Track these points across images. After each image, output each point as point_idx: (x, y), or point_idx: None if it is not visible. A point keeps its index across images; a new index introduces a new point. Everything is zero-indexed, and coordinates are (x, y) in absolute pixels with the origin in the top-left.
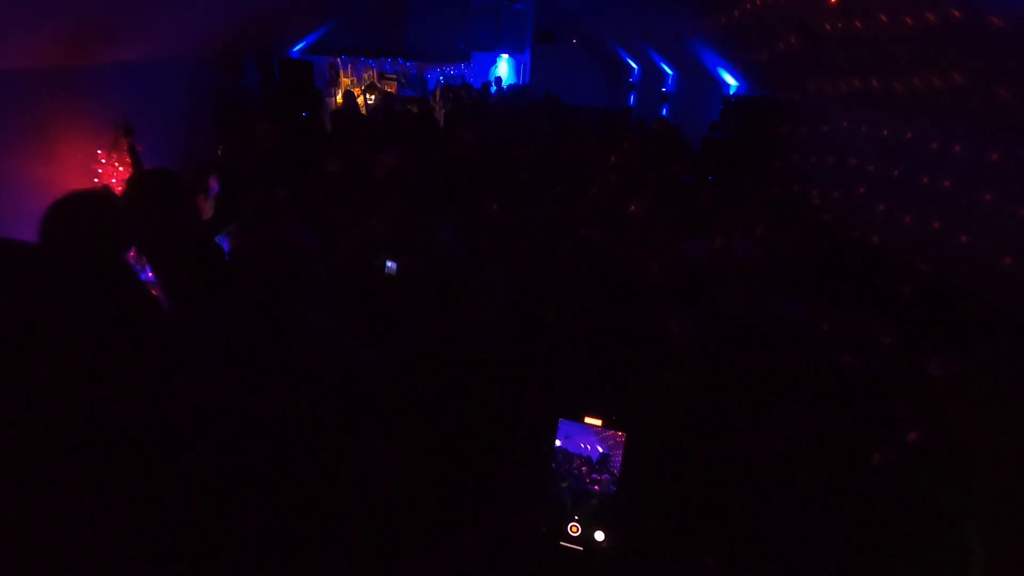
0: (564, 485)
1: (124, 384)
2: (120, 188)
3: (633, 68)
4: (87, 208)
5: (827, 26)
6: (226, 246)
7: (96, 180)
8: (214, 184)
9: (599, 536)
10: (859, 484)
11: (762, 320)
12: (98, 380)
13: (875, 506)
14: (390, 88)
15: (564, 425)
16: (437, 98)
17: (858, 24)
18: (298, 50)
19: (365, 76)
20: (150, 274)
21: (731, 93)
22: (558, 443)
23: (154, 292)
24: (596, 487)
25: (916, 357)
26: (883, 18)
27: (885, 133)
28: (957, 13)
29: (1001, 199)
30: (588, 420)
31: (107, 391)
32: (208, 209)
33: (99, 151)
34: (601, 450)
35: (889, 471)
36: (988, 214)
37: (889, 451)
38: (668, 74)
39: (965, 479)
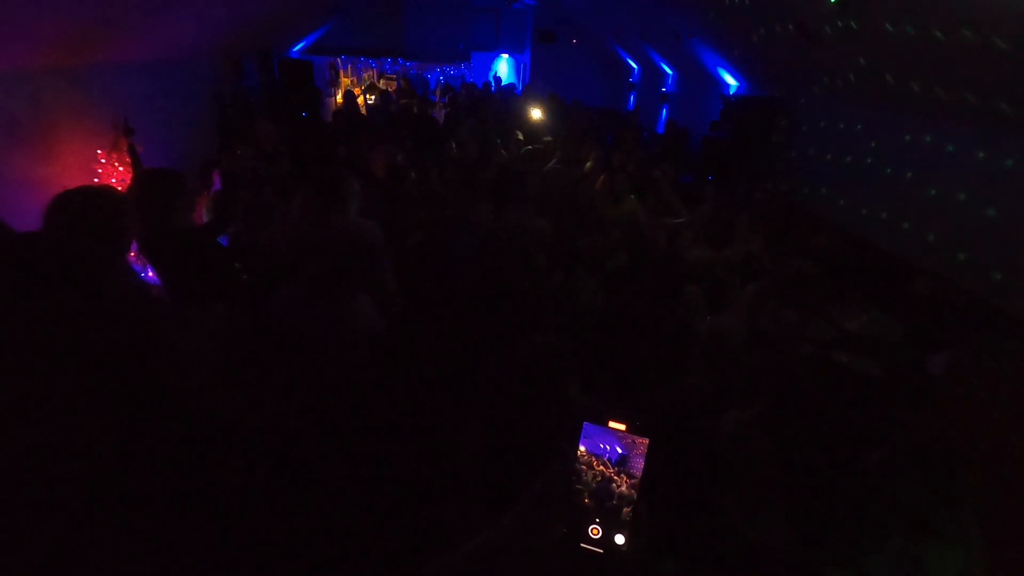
0: (585, 487)
1: (111, 384)
2: (121, 188)
3: (633, 68)
4: (88, 202)
5: (827, 26)
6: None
7: (96, 180)
8: (216, 182)
9: (619, 539)
10: (855, 483)
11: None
12: (85, 379)
13: (870, 504)
14: (390, 88)
15: (586, 428)
16: (438, 97)
17: (858, 24)
18: (298, 50)
19: (365, 76)
20: (151, 274)
21: (731, 93)
22: (580, 445)
23: (154, 292)
24: (616, 489)
25: (916, 357)
26: (884, 18)
27: (884, 133)
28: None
29: (1002, 200)
30: (612, 424)
31: (93, 391)
32: (207, 209)
33: (99, 151)
34: (620, 451)
35: (881, 470)
36: (988, 215)
37: (882, 451)
38: (668, 74)
39: (954, 479)
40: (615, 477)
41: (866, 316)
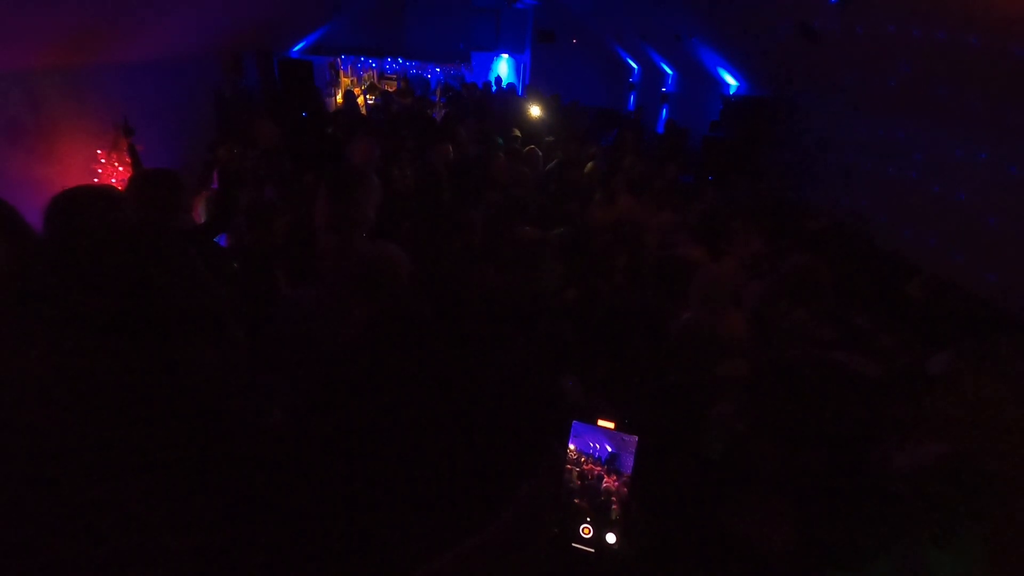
0: (575, 486)
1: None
2: (121, 188)
3: (633, 68)
4: (86, 201)
5: (827, 26)
6: (223, 244)
7: (96, 180)
8: (215, 183)
9: (610, 538)
10: (859, 485)
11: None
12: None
13: (877, 507)
14: (390, 88)
15: (575, 426)
16: (438, 97)
17: (859, 24)
18: (298, 50)
19: (365, 76)
20: None
21: (731, 93)
22: (569, 444)
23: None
24: (607, 488)
25: (916, 357)
26: (884, 19)
27: (884, 133)
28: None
29: (1001, 200)
30: (601, 423)
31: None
32: (206, 208)
33: (99, 151)
34: (610, 449)
35: (903, 477)
36: (988, 215)
37: (906, 459)
38: (668, 74)
39: (958, 483)
40: (605, 476)
41: (866, 316)
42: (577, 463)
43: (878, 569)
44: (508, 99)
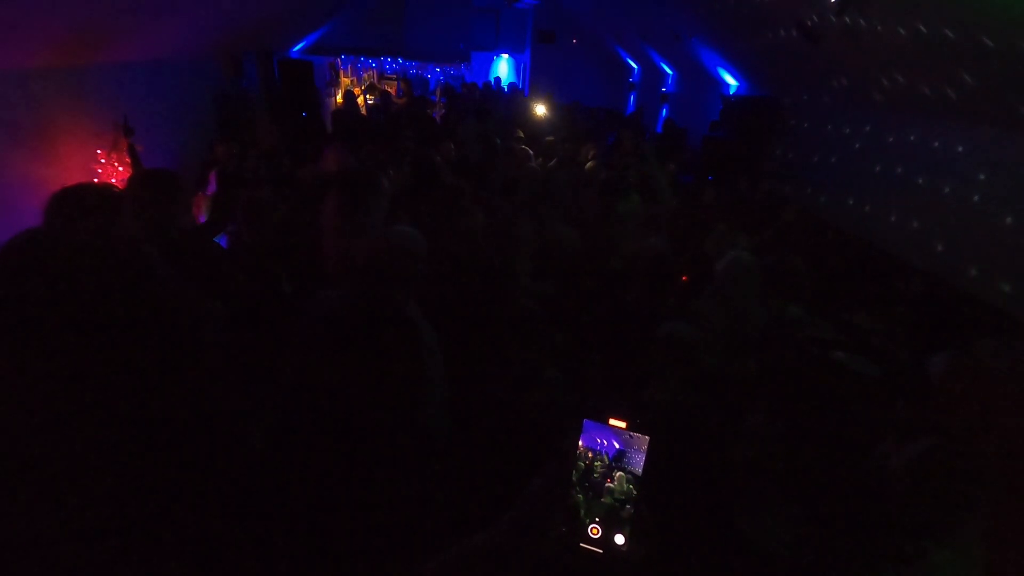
0: (584, 485)
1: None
2: (120, 188)
3: (633, 68)
4: (89, 199)
5: (827, 26)
6: (224, 244)
7: (96, 180)
8: (213, 182)
9: (619, 539)
10: (860, 485)
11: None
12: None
13: (878, 507)
14: (390, 88)
15: (586, 424)
16: (438, 97)
17: (858, 24)
18: (298, 50)
19: (365, 76)
20: None
21: (731, 93)
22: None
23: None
24: (615, 487)
25: (916, 357)
26: (884, 18)
27: (884, 133)
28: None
29: (1000, 200)
30: (613, 422)
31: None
32: (206, 208)
33: (99, 151)
34: (618, 446)
35: (899, 474)
36: (987, 215)
37: (901, 455)
38: (668, 74)
39: (973, 487)
40: (614, 474)
41: (865, 316)
42: (586, 461)
43: (883, 572)
44: (511, 99)
